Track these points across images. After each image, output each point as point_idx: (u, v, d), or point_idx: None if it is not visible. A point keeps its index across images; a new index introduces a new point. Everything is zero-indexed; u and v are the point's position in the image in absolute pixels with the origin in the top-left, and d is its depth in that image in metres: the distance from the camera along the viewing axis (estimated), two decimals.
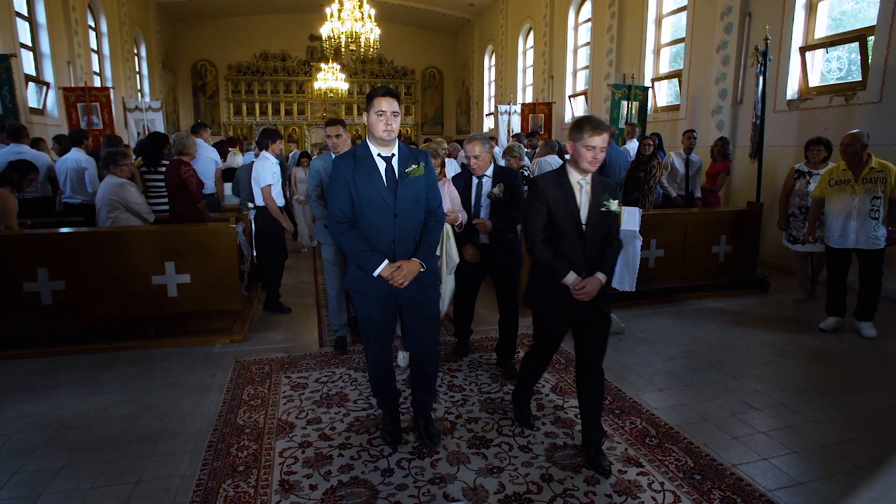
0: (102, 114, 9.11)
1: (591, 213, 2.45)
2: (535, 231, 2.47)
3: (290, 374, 3.63)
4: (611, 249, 2.52)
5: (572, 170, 2.47)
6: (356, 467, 2.56)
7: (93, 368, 3.73)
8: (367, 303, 2.59)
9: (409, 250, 2.55)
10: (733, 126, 7.36)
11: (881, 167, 4.13)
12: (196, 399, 3.28)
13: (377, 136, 2.45)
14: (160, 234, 4.19)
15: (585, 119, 2.37)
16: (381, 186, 2.47)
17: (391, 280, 2.46)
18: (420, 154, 2.59)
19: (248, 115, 18.93)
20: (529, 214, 2.47)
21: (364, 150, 2.51)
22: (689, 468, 2.54)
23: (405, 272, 2.47)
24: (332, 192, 2.51)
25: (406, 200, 2.51)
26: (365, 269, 2.49)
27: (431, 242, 2.62)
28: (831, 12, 6.37)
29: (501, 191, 3.47)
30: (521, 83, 15.29)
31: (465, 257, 3.56)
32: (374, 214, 2.48)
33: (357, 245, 2.48)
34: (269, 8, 17.73)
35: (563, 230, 2.44)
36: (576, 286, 2.41)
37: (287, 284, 5.73)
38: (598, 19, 10.94)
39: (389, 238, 2.50)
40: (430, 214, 2.63)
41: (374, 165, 2.49)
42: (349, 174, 2.47)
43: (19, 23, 8.41)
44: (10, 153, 5.50)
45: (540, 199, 2.45)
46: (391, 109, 2.43)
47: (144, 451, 2.70)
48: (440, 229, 2.68)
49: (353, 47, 10.63)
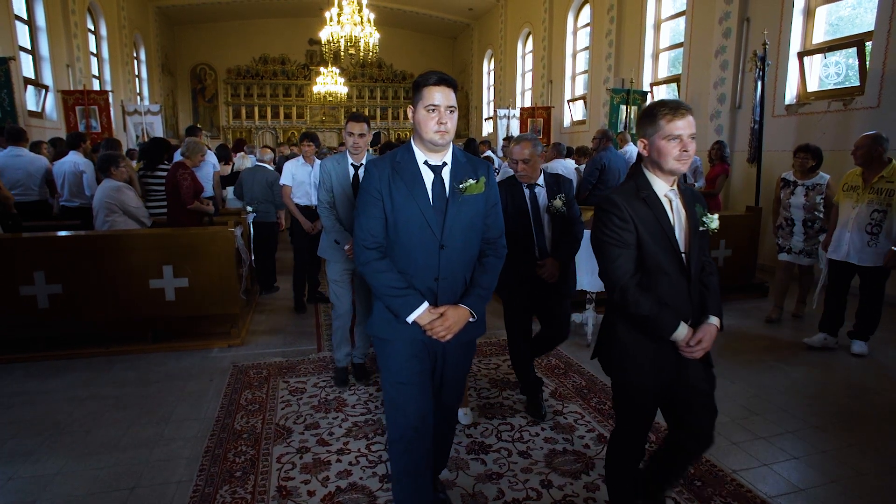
0: (101, 117, 9.11)
1: (689, 236, 1.80)
2: (622, 273, 1.75)
3: (287, 379, 3.61)
4: (712, 281, 1.91)
5: (656, 176, 1.80)
6: (354, 473, 2.54)
7: (89, 372, 3.71)
8: (395, 357, 1.93)
9: (456, 293, 1.94)
10: (732, 131, 7.38)
11: (893, 177, 3.70)
12: (193, 404, 3.25)
13: (427, 139, 1.84)
14: (158, 237, 4.18)
15: (658, 104, 1.79)
16: (425, 205, 1.86)
17: (430, 331, 1.87)
18: (480, 165, 1.96)
19: (247, 119, 18.95)
20: (610, 249, 1.76)
21: (406, 156, 1.90)
22: (689, 474, 2.52)
23: (450, 322, 1.86)
24: (362, 208, 1.89)
25: (457, 226, 1.88)
26: (395, 311, 1.87)
27: (487, 285, 1.97)
28: (829, 18, 6.40)
29: (564, 203, 2.88)
30: (520, 87, 15.32)
31: (542, 275, 2.87)
32: (412, 241, 1.87)
33: (388, 280, 1.86)
34: (268, 12, 17.77)
35: (660, 265, 1.76)
36: (689, 341, 1.76)
37: (285, 289, 5.73)
38: (596, 24, 10.98)
39: (431, 275, 1.89)
40: (489, 246, 2.02)
41: (419, 177, 1.87)
42: (384, 186, 1.86)
43: (18, 26, 8.41)
44: (8, 156, 5.49)
45: (625, 223, 1.73)
46: (447, 103, 1.81)
47: (141, 457, 2.68)
48: (500, 267, 2.04)
49: (353, 51, 10.66)
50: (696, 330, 1.79)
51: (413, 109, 1.88)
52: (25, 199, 5.54)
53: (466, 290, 1.95)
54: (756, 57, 6.19)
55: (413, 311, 1.85)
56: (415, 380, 1.92)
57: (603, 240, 1.78)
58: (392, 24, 17.85)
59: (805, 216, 4.51)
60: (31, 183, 5.60)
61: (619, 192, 1.80)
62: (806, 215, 4.50)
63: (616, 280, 1.76)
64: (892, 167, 3.72)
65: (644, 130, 1.80)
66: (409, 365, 1.92)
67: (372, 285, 1.92)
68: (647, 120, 1.79)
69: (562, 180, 2.96)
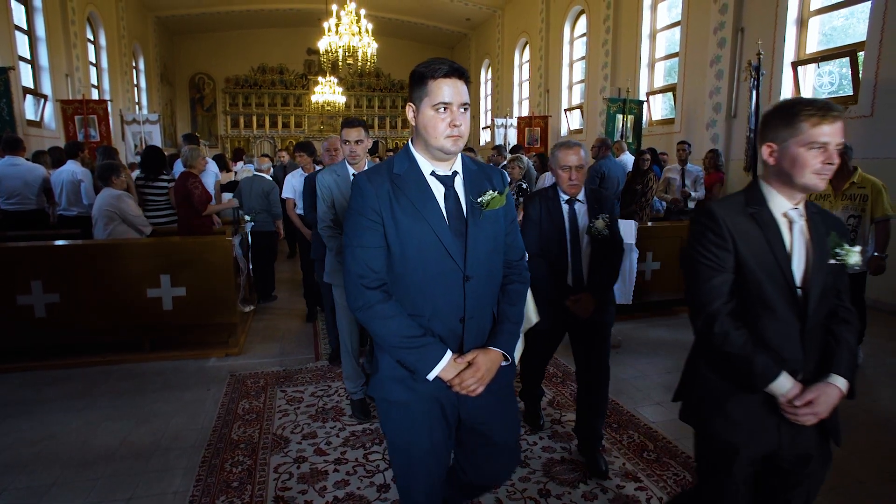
0: (100, 126, 9.13)
1: (812, 267, 1.45)
2: (712, 296, 1.44)
3: (285, 388, 3.60)
4: (845, 332, 1.49)
5: (776, 190, 1.46)
6: (352, 483, 2.53)
7: (85, 382, 3.69)
8: (408, 423, 1.58)
9: (484, 332, 1.60)
10: (728, 139, 7.43)
11: (864, 182, 3.73)
12: (190, 413, 3.24)
13: (435, 146, 1.47)
14: (155, 246, 4.18)
15: (800, 102, 1.40)
16: (440, 227, 1.49)
17: (456, 386, 1.49)
18: (493, 172, 1.63)
19: (245, 128, 19.02)
20: (700, 268, 1.46)
21: (408, 165, 1.53)
22: (687, 483, 2.52)
23: (481, 372, 1.50)
24: (354, 236, 1.50)
25: (481, 250, 1.54)
26: (411, 367, 1.50)
27: (517, 318, 1.65)
28: (822, 28, 6.48)
29: (606, 224, 2.48)
30: (517, 97, 15.42)
31: (575, 310, 2.48)
32: (428, 275, 1.50)
33: (399, 327, 1.47)
34: (267, 22, 17.88)
35: (764, 298, 1.43)
36: (794, 400, 1.40)
37: (283, 298, 5.73)
38: (593, 34, 11.08)
39: (455, 314, 1.53)
40: (511, 269, 1.69)
41: (428, 191, 1.51)
42: (383, 205, 1.48)
43: (18, 36, 8.46)
44: (5, 165, 5.50)
45: (721, 242, 1.43)
46: (460, 100, 1.45)
47: (137, 467, 2.66)
48: (526, 295, 1.72)
49: (351, 61, 10.72)
50: (808, 388, 1.40)
51: (414, 109, 1.49)
52: (22, 209, 5.54)
53: (494, 328, 1.62)
54: (751, 66, 6.26)
55: (435, 365, 1.47)
56: (439, 448, 1.61)
57: (694, 257, 1.47)
58: (390, 34, 17.97)
59: None
60: (29, 192, 5.60)
61: (722, 204, 1.48)
62: None
63: (703, 304, 1.44)
64: (860, 174, 3.75)
65: (775, 133, 1.43)
66: (429, 434, 1.58)
67: (377, 335, 1.51)
68: (781, 121, 1.41)
69: (603, 197, 2.57)
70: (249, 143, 18.54)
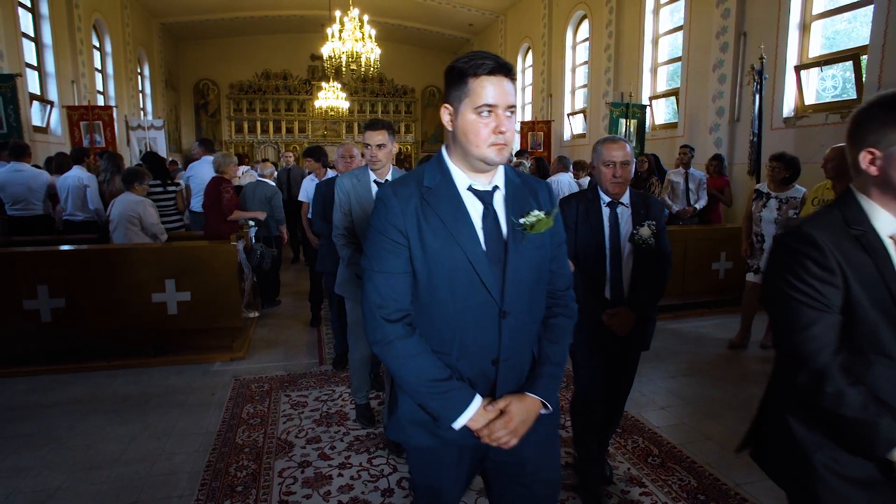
0: (105, 132, 9.18)
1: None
2: (819, 348, 1.16)
3: (289, 393, 3.60)
4: None
5: (880, 207, 1.18)
6: (356, 487, 2.53)
7: (91, 386, 3.71)
8: (435, 469, 1.42)
9: (521, 376, 1.38)
10: (731, 143, 7.42)
11: None
12: (195, 418, 3.25)
13: (477, 155, 1.27)
14: (161, 251, 4.20)
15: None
16: (475, 252, 1.28)
17: (487, 438, 1.29)
18: (540, 187, 1.41)
19: (249, 133, 19.10)
20: (800, 309, 1.17)
21: (440, 178, 1.32)
22: (692, 488, 2.51)
23: (516, 423, 1.29)
24: (376, 259, 1.30)
25: (522, 280, 1.32)
26: (434, 413, 1.30)
27: (560, 359, 1.42)
28: (825, 31, 6.47)
29: (653, 232, 2.21)
30: (520, 101, 15.45)
31: (611, 325, 2.24)
32: (458, 307, 1.30)
33: (423, 367, 1.28)
34: (270, 28, 17.97)
35: (879, 342, 1.15)
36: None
37: (287, 303, 5.74)
38: (595, 39, 11.10)
39: (487, 355, 1.33)
40: (556, 302, 1.46)
41: (463, 209, 1.30)
42: (409, 224, 1.28)
43: (25, 43, 8.53)
44: (10, 171, 5.54)
45: (828, 275, 1.15)
46: (506, 102, 1.25)
47: (142, 471, 2.67)
48: (571, 332, 1.47)
49: (354, 67, 10.77)
50: None
51: (451, 111, 1.28)
52: (28, 214, 5.57)
53: (533, 370, 1.39)
54: (753, 71, 6.26)
55: (462, 413, 1.27)
56: (445, 488, 1.43)
57: (788, 294, 1.17)
58: (393, 40, 18.05)
59: (777, 232, 4.15)
60: (33, 198, 5.63)
61: (819, 225, 1.18)
62: (778, 231, 4.16)
63: (806, 357, 1.16)
64: None
65: (878, 135, 1.16)
66: (458, 477, 1.41)
67: (397, 376, 1.31)
68: (886, 120, 1.14)
69: (651, 202, 2.29)
70: (253, 148, 18.60)
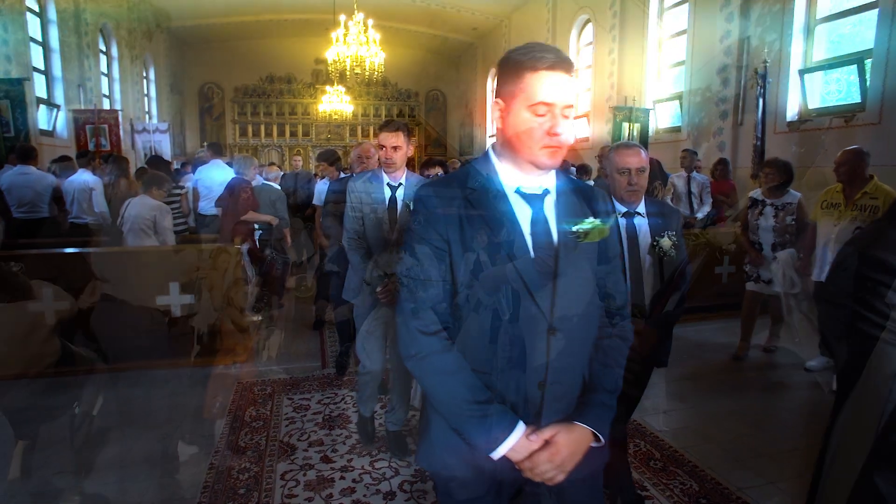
0: (110, 136, 9.25)
1: None
2: None
3: (292, 396, 3.61)
4: None
5: None
6: (358, 490, 2.54)
7: (93, 389, 3.72)
8: (462, 492, 1.28)
9: (570, 403, 1.24)
10: (734, 147, 7.42)
11: (877, 193, 3.43)
12: (197, 420, 3.26)
13: (527, 157, 1.17)
14: (165, 254, 4.22)
15: None
16: (523, 261, 1.16)
17: (529, 472, 1.15)
18: (595, 194, 1.31)
19: (253, 137, 19.19)
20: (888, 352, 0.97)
21: (487, 178, 1.21)
22: (694, 492, 2.50)
23: (562, 456, 1.15)
24: (414, 265, 1.18)
25: (574, 293, 1.20)
26: (471, 440, 1.15)
27: (614, 387, 1.28)
28: (829, 35, 6.46)
29: (673, 244, 2.05)
30: None
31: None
32: (502, 320, 1.17)
33: (459, 387, 1.15)
34: (275, 32, 18.08)
35: None
36: None
37: (290, 306, 5.75)
38: (599, 42, 11.11)
39: (533, 377, 1.19)
40: (610, 321, 1.32)
41: (510, 214, 1.18)
42: (451, 229, 1.17)
43: (33, 47, 8.61)
44: (15, 175, 5.59)
45: None
46: (565, 101, 1.14)
47: (145, 474, 2.68)
48: (626, 353, 1.33)
49: (358, 70, 10.81)
50: None
51: (504, 106, 1.17)
52: (33, 217, 5.61)
53: (584, 396, 1.25)
54: (757, 74, 6.26)
55: (503, 443, 1.12)
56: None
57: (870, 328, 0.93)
58: (397, 44, 18.10)
59: (775, 239, 4.05)
60: (39, 201, 5.68)
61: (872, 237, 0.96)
62: (776, 238, 4.04)
63: None
64: (875, 183, 3.50)
65: None
66: (481, 498, 1.28)
67: (431, 394, 1.21)
68: None
69: (669, 211, 2.16)
70: (258, 151, 18.67)
